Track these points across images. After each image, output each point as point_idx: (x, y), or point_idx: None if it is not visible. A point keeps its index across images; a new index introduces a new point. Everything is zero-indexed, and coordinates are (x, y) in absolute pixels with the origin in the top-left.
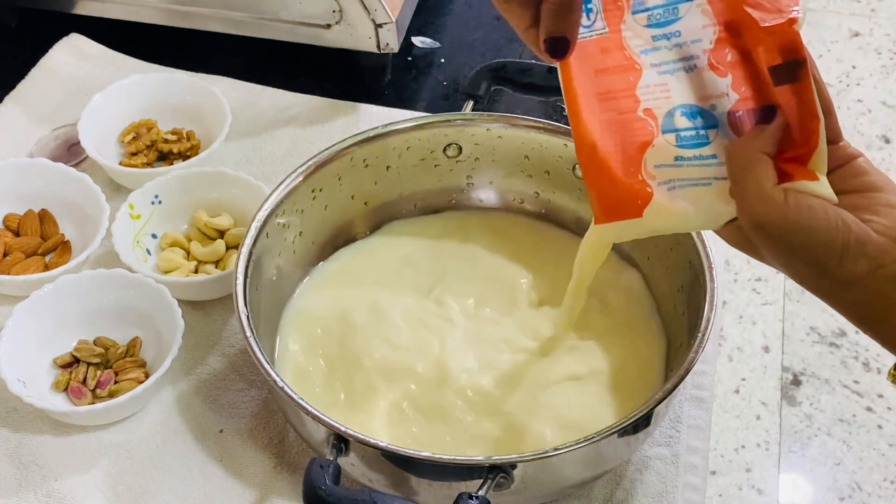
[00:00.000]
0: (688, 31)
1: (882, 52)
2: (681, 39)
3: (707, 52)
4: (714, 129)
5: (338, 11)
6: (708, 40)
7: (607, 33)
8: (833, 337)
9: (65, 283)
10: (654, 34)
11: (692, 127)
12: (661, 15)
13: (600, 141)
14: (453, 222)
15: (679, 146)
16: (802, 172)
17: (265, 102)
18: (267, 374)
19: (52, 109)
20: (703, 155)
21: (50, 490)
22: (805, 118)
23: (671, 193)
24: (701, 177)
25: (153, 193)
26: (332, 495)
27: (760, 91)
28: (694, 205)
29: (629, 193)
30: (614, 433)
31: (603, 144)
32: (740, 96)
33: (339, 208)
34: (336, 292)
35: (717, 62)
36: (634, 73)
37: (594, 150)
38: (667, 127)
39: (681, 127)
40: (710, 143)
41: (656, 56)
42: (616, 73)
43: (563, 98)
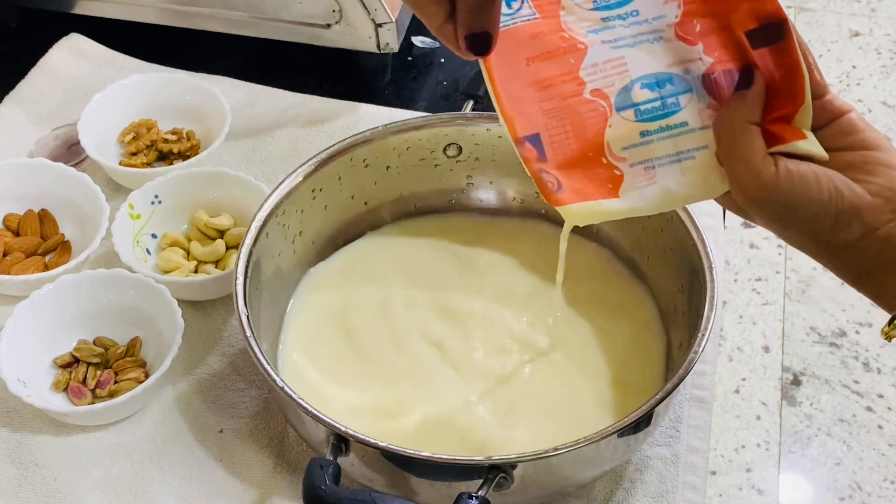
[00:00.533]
0: (647, 8)
1: (882, 52)
2: (640, 18)
3: (673, 26)
4: (687, 94)
5: (338, 11)
6: (673, 15)
7: (538, 19)
8: (833, 337)
9: (65, 283)
10: (604, 16)
11: (656, 97)
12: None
13: (546, 132)
14: (453, 222)
15: (640, 121)
16: (790, 132)
17: (265, 102)
18: (267, 374)
19: (52, 109)
20: (670, 125)
21: (50, 490)
22: (791, 76)
23: (650, 173)
24: (677, 150)
25: (153, 193)
26: (332, 495)
27: (737, 54)
28: (682, 181)
29: (595, 178)
30: (614, 433)
31: (551, 134)
32: (715, 59)
33: (339, 208)
34: (336, 292)
35: (684, 34)
36: (577, 54)
37: (538, 141)
38: (622, 104)
39: (640, 100)
40: (681, 110)
41: (609, 34)
42: (553, 57)
43: (490, 93)
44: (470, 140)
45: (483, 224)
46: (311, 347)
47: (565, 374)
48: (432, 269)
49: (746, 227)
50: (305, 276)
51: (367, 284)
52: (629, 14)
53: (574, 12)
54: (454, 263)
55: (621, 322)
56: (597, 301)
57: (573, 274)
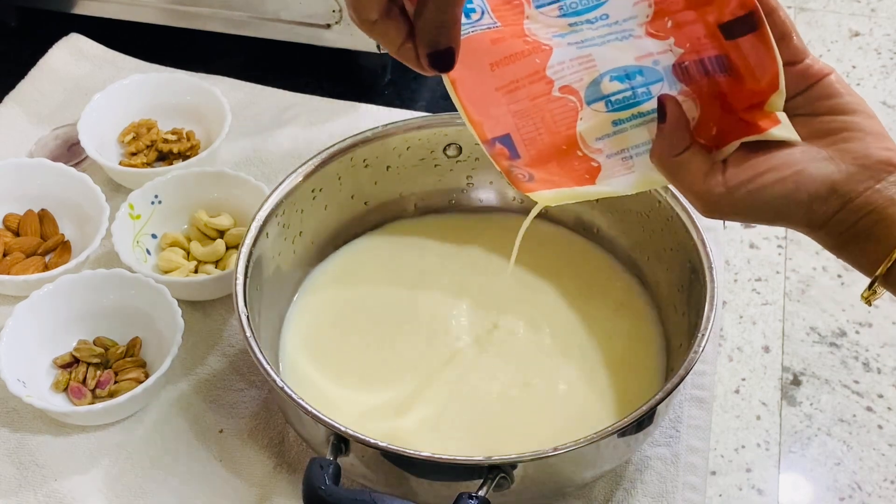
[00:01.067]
0: (617, 11)
1: (882, 52)
2: (609, 21)
3: (643, 25)
4: (658, 84)
5: (338, 11)
6: (644, 14)
7: (499, 27)
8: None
9: (65, 283)
10: (571, 21)
11: (627, 88)
12: (577, 4)
13: (517, 132)
14: (453, 222)
15: (612, 111)
16: (765, 119)
17: (265, 102)
18: (267, 374)
19: (52, 109)
20: (642, 112)
21: (50, 490)
22: (764, 63)
23: (628, 163)
24: (653, 136)
25: (153, 193)
26: (332, 495)
27: (710, 44)
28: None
29: (571, 171)
30: (614, 433)
31: (522, 133)
32: (686, 50)
33: (339, 208)
34: (336, 293)
35: (655, 31)
36: (542, 55)
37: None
38: (592, 97)
39: (610, 92)
40: (652, 98)
41: (576, 36)
42: (517, 59)
43: (455, 102)
44: (470, 140)
45: (483, 224)
46: (312, 348)
47: (565, 374)
48: (433, 270)
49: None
50: (305, 276)
51: (367, 285)
52: (598, 18)
53: (538, 20)
54: (454, 263)
55: (621, 322)
56: (597, 301)
57: (574, 273)
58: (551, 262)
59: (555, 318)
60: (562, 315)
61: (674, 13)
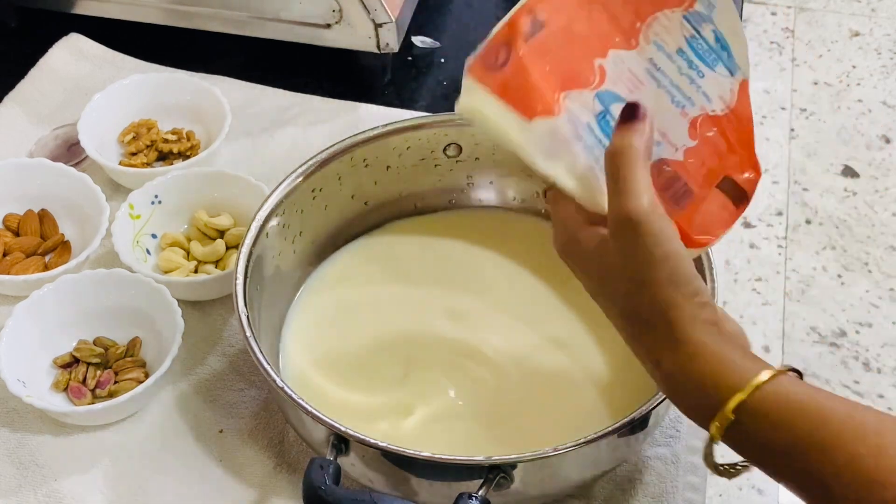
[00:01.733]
0: (708, 85)
1: (882, 52)
2: (696, 83)
3: (700, 113)
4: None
5: (338, 11)
6: (714, 107)
7: None
8: (833, 337)
9: (65, 283)
10: (682, 47)
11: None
12: (704, 49)
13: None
14: (453, 221)
15: (598, 121)
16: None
17: (265, 102)
18: (267, 374)
19: (52, 109)
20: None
21: (50, 490)
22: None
23: (574, 136)
24: (596, 158)
25: (153, 193)
26: (332, 495)
27: (703, 176)
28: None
29: (535, 92)
30: (614, 433)
31: (534, 60)
32: (686, 166)
33: (339, 208)
34: (336, 292)
35: (698, 125)
36: (625, 43)
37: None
38: (603, 99)
39: (612, 111)
40: None
41: (661, 60)
42: (599, 29)
43: None
44: (470, 140)
45: (483, 223)
46: (312, 347)
47: (565, 374)
48: (433, 269)
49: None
50: (305, 276)
51: (368, 285)
52: (694, 69)
53: (666, 27)
54: (454, 263)
55: None
56: None
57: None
58: (551, 260)
59: (556, 316)
60: (563, 314)
61: (721, 131)
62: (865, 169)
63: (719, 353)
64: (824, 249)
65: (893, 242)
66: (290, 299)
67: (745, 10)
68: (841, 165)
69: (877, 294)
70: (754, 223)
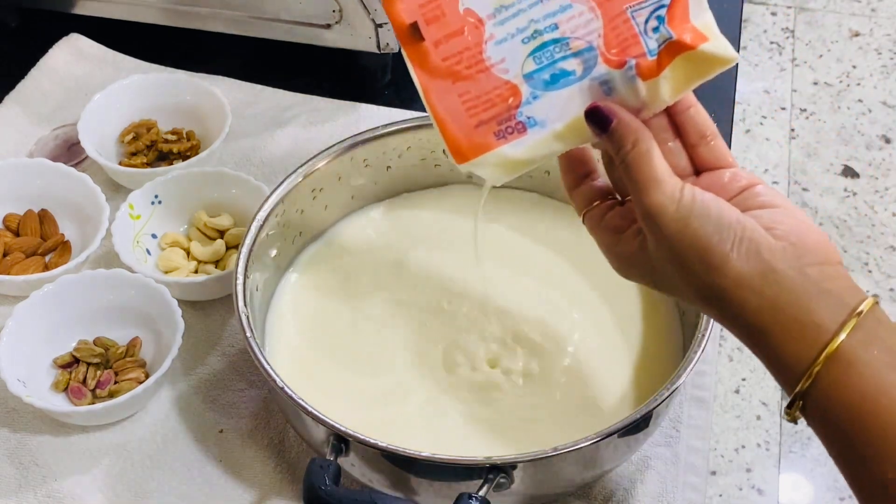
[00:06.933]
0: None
1: (882, 52)
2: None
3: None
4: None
5: (338, 11)
6: None
7: None
8: None
9: (65, 283)
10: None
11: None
12: None
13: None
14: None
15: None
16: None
17: (265, 102)
18: (267, 374)
19: (52, 109)
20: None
21: (50, 490)
22: None
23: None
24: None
25: (153, 193)
26: (332, 495)
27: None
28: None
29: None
30: (614, 433)
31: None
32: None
33: (339, 208)
34: (336, 292)
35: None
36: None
37: None
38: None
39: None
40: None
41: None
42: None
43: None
44: None
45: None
46: (312, 346)
47: (566, 373)
48: (431, 260)
49: None
50: (305, 275)
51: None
52: None
53: None
54: (455, 251)
55: (620, 322)
56: (597, 302)
57: (575, 272)
58: (550, 259)
59: (565, 298)
60: (575, 295)
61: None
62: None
63: (773, 330)
64: None
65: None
66: (291, 299)
67: (745, 10)
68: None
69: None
70: None
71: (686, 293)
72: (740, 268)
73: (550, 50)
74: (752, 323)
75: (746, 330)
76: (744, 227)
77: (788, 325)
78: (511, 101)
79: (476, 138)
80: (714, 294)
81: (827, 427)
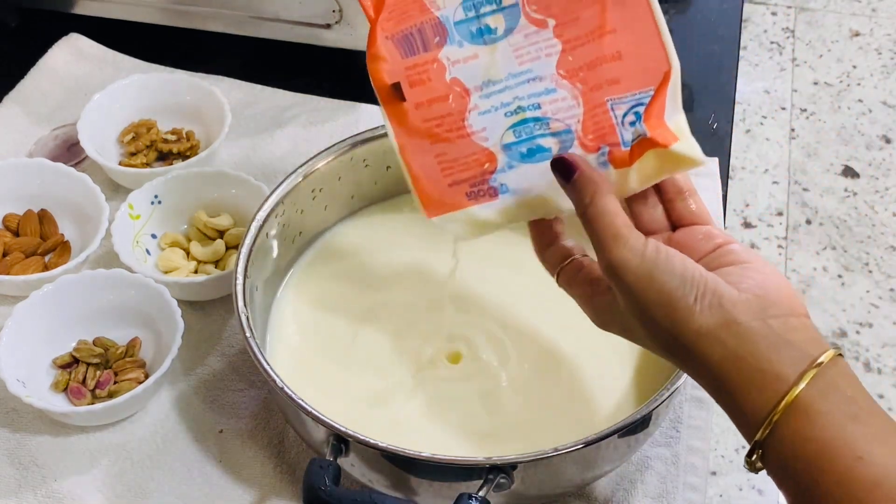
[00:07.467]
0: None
1: (882, 52)
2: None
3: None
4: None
5: (338, 11)
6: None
7: None
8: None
9: (64, 283)
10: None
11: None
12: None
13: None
14: None
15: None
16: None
17: (265, 102)
18: (267, 374)
19: (52, 109)
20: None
21: (49, 490)
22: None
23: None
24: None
25: (153, 193)
26: (332, 496)
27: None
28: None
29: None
30: (614, 433)
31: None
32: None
33: (339, 208)
34: (336, 292)
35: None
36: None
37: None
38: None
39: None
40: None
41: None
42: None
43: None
44: None
45: None
46: (312, 347)
47: (565, 373)
48: (431, 261)
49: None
50: (305, 275)
51: (366, 280)
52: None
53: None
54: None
55: None
56: None
57: None
58: None
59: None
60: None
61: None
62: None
63: (735, 380)
64: (824, 250)
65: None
66: (291, 298)
67: (745, 9)
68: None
69: (877, 294)
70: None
71: (653, 346)
72: (704, 320)
73: (531, 126)
74: (716, 374)
75: (711, 381)
76: (706, 280)
77: (750, 375)
78: (487, 166)
79: (448, 196)
80: (679, 345)
81: (786, 476)
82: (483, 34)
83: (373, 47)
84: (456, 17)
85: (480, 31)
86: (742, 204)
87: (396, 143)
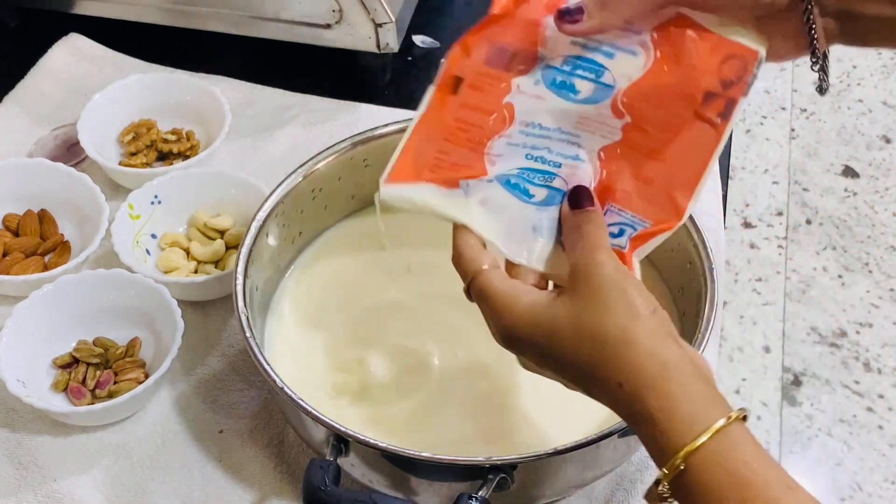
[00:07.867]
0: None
1: (882, 51)
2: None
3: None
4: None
5: (338, 11)
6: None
7: None
8: (834, 337)
9: (64, 283)
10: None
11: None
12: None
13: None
14: None
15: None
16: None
17: (265, 102)
18: (267, 374)
19: (52, 109)
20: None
21: (49, 490)
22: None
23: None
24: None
25: (153, 193)
26: (333, 496)
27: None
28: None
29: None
30: (614, 433)
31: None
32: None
33: (338, 208)
34: (336, 290)
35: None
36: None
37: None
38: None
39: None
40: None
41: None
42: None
43: None
44: None
45: None
46: (313, 346)
47: None
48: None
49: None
50: (305, 275)
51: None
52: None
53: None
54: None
55: None
56: None
57: None
58: None
59: None
60: None
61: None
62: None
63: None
64: (825, 250)
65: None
66: (291, 298)
67: None
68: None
69: (877, 294)
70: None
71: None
72: (653, 326)
73: (537, 174)
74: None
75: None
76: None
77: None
78: (469, 173)
79: (413, 175)
80: (624, 339)
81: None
82: (563, 88)
83: (471, 38)
84: (552, 62)
85: (564, 84)
86: (742, 204)
87: (418, 117)
